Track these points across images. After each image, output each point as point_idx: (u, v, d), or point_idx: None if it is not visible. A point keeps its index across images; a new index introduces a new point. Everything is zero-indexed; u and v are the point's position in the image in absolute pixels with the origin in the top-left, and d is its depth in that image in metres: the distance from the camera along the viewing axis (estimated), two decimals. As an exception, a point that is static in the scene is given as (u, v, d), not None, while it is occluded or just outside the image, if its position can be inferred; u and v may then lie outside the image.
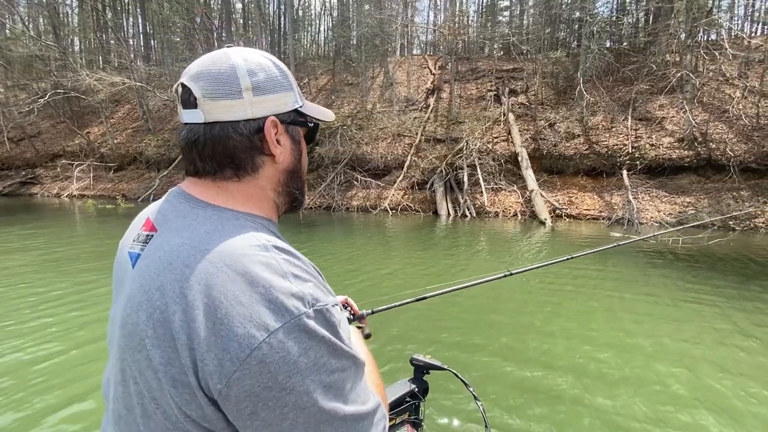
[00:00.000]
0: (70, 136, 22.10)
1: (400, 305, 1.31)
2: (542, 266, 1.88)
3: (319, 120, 0.73)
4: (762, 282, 5.85)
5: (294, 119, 0.68)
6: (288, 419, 0.49)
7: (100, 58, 29.68)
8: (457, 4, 24.30)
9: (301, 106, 0.69)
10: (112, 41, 29.95)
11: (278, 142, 0.66)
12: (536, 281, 5.73)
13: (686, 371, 3.26)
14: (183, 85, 0.63)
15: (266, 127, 0.64)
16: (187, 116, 0.63)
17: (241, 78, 0.61)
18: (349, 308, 1.12)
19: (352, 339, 0.68)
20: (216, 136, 0.61)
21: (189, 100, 0.62)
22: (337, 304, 0.57)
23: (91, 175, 19.49)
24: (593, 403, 2.84)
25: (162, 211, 0.64)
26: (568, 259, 2.03)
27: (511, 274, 1.60)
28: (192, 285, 0.52)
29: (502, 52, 21.86)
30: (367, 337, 1.10)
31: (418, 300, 1.36)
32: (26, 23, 25.40)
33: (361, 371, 0.58)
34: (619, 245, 2.51)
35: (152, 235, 0.61)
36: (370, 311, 1.19)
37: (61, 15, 29.45)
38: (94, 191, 18.64)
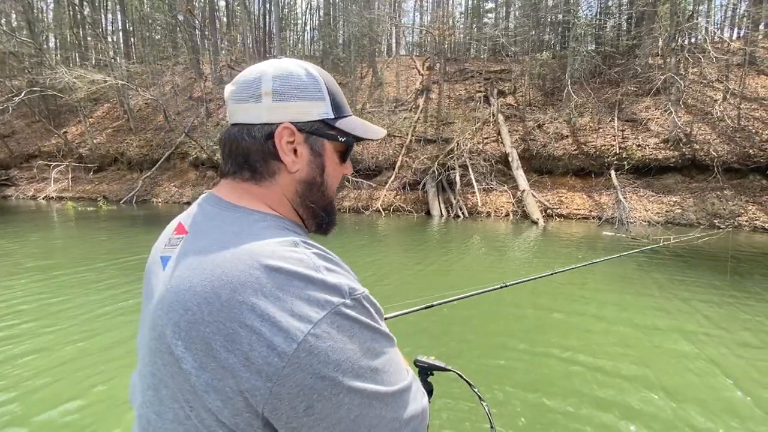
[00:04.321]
0: (47, 135, 21.27)
1: (406, 313, 1.30)
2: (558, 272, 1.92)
3: (357, 137, 0.69)
4: None
5: (317, 129, 0.65)
6: (344, 405, 0.49)
7: (77, 55, 28.68)
8: (444, 5, 24.39)
9: (332, 119, 0.66)
10: (90, 38, 29.01)
11: (296, 151, 0.64)
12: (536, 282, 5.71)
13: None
14: None
15: (277, 132, 0.63)
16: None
17: (263, 83, 0.63)
18: None
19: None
20: (233, 136, 0.64)
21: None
22: (370, 294, 0.59)
23: (70, 176, 18.78)
24: (598, 403, 2.80)
25: (192, 214, 0.65)
26: (584, 265, 2.03)
27: (506, 286, 1.71)
28: (225, 284, 0.50)
29: (487, 54, 22.03)
30: None
31: (426, 308, 1.38)
32: (-2, 18, 24.36)
33: (396, 349, 0.60)
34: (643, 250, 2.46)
35: (183, 238, 0.61)
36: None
37: (35, 10, 28.37)
38: (73, 193, 17.97)
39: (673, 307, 4.74)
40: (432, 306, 1.39)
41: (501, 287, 1.70)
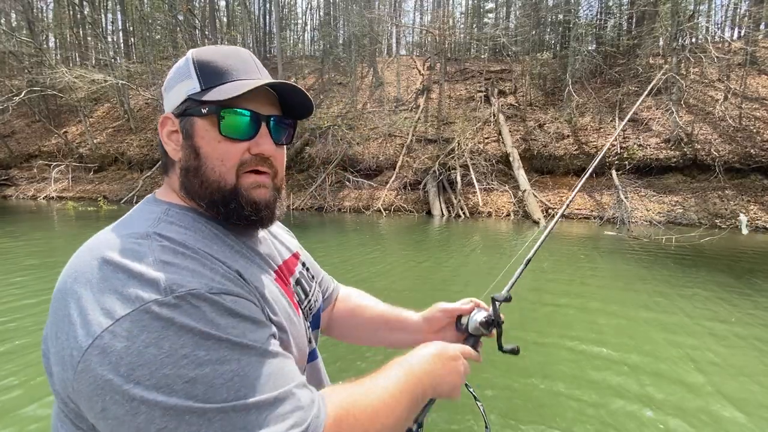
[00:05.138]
0: (47, 135, 21.25)
1: (517, 279, 1.02)
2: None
3: (220, 101, 0.58)
4: None
5: (185, 110, 0.61)
6: (141, 414, 0.43)
7: (77, 54, 28.66)
8: (444, 5, 24.39)
9: (199, 92, 0.60)
10: (90, 38, 29.00)
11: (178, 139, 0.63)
12: (534, 279, 5.70)
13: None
14: None
15: (159, 125, 0.64)
16: None
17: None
18: (481, 309, 0.89)
19: (419, 360, 0.67)
20: None
21: None
22: (227, 293, 0.51)
23: (70, 176, 18.76)
24: (595, 403, 2.78)
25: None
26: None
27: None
28: (71, 274, 0.51)
29: (488, 54, 22.04)
30: (514, 352, 0.82)
31: (527, 262, 1.10)
32: (-2, 18, 24.35)
33: (255, 359, 0.49)
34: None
35: None
36: (503, 298, 0.87)
37: (35, 10, 28.35)
38: (73, 193, 17.94)
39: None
40: (530, 260, 1.11)
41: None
